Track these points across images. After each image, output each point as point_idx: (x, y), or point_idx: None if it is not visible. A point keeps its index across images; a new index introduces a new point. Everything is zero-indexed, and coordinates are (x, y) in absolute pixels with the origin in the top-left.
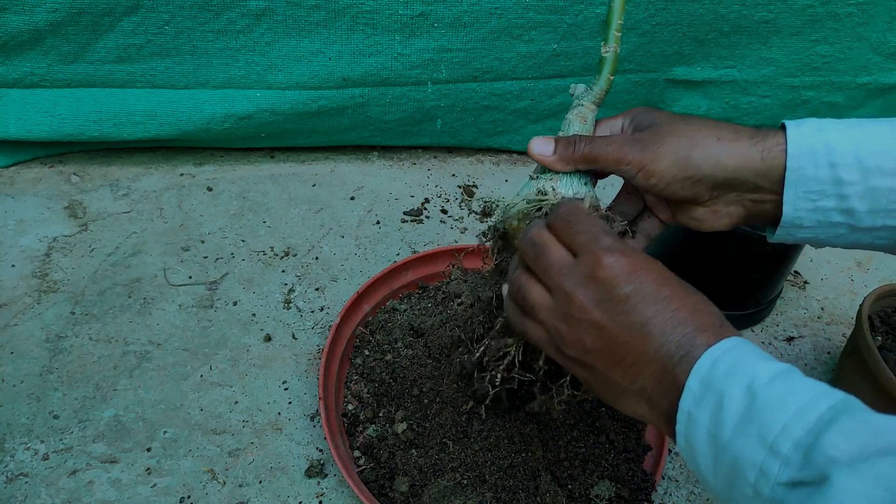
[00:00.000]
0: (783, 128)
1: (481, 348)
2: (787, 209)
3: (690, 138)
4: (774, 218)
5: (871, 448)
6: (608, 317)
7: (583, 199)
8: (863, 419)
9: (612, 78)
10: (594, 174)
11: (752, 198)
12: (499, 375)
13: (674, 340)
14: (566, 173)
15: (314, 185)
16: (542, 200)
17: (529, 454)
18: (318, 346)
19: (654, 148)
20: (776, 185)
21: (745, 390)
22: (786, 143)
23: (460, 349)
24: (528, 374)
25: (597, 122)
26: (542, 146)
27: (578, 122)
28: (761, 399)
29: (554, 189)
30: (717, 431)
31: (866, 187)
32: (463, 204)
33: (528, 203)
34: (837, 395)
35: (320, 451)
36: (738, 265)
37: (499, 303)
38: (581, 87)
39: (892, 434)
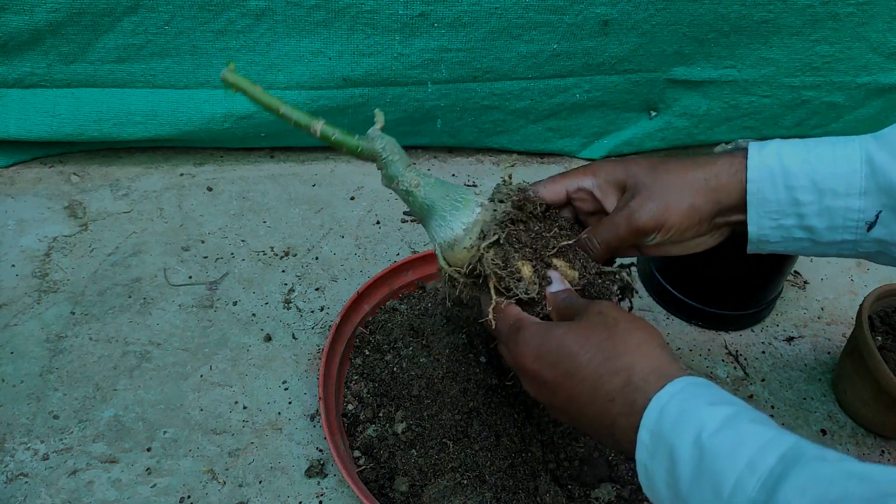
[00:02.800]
0: (745, 151)
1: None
2: (752, 228)
3: (688, 187)
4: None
5: (824, 502)
6: (551, 398)
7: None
8: (814, 470)
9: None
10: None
11: (734, 219)
12: None
13: (616, 401)
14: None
15: (314, 185)
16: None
17: (529, 454)
18: (318, 346)
19: (661, 209)
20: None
21: (694, 443)
22: (746, 170)
23: (471, 355)
24: None
25: (543, 182)
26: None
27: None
28: (710, 452)
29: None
30: (674, 484)
31: (822, 207)
32: None
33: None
34: (786, 442)
35: (320, 451)
36: (738, 266)
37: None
38: (385, 178)
39: (843, 483)
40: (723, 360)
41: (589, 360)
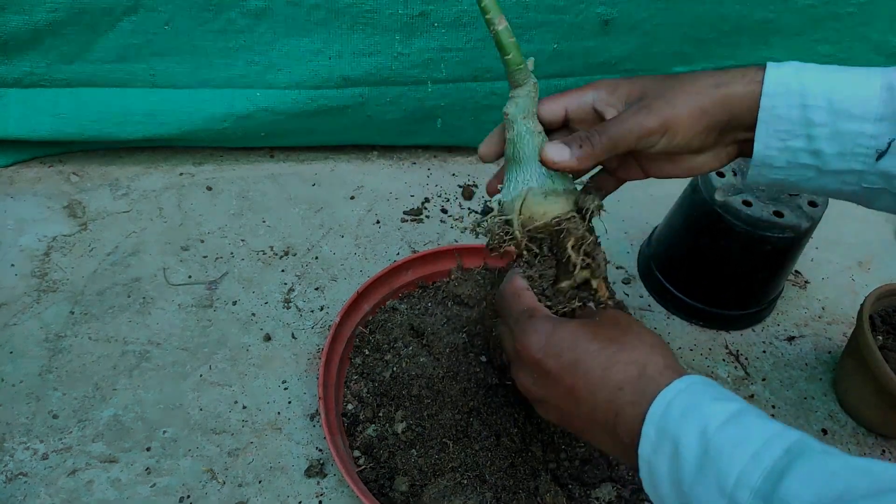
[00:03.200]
0: (764, 66)
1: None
2: (758, 147)
3: (697, 91)
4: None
5: (828, 494)
6: (546, 392)
7: (564, 189)
8: (819, 462)
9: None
10: (607, 175)
11: (745, 136)
12: None
13: (625, 390)
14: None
15: (314, 185)
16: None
17: (530, 454)
18: (317, 345)
19: (669, 110)
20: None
21: (699, 436)
22: (763, 83)
23: (471, 354)
24: None
25: (541, 100)
26: (558, 153)
27: (531, 133)
28: (715, 445)
29: (550, 195)
30: (677, 478)
31: (834, 129)
32: (462, 204)
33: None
34: (791, 436)
35: (320, 450)
36: (739, 265)
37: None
38: (510, 107)
39: (846, 476)
40: (723, 360)
41: (600, 350)
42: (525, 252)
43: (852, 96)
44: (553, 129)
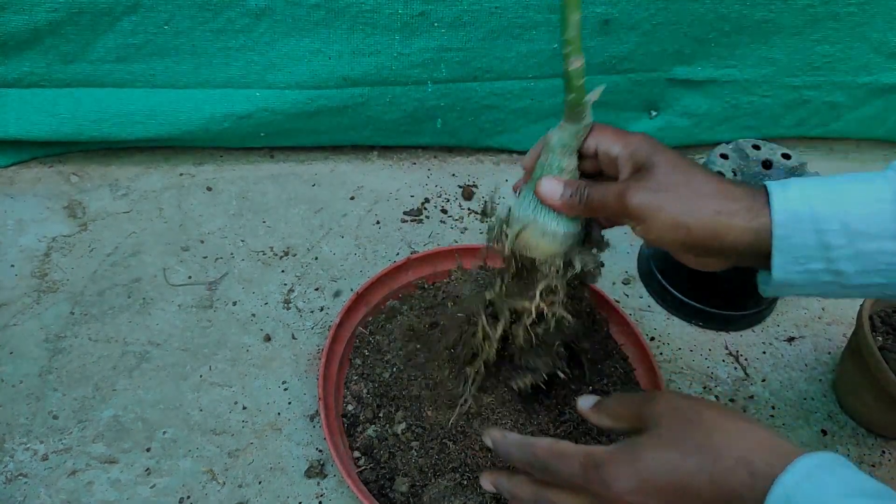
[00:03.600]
0: (764, 188)
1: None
2: (777, 273)
3: (690, 205)
4: (763, 265)
5: None
6: None
7: (565, 232)
8: None
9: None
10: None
11: (745, 260)
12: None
13: (746, 492)
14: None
15: (314, 185)
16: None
17: None
18: (317, 346)
19: (653, 205)
20: (767, 252)
21: None
22: (771, 215)
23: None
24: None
25: (594, 125)
26: (549, 190)
27: (560, 169)
28: None
29: (545, 230)
30: None
31: (854, 251)
32: (462, 204)
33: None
34: None
35: (320, 451)
36: (738, 265)
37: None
38: (554, 133)
39: None
40: (723, 361)
41: (699, 468)
42: (507, 265)
43: (866, 215)
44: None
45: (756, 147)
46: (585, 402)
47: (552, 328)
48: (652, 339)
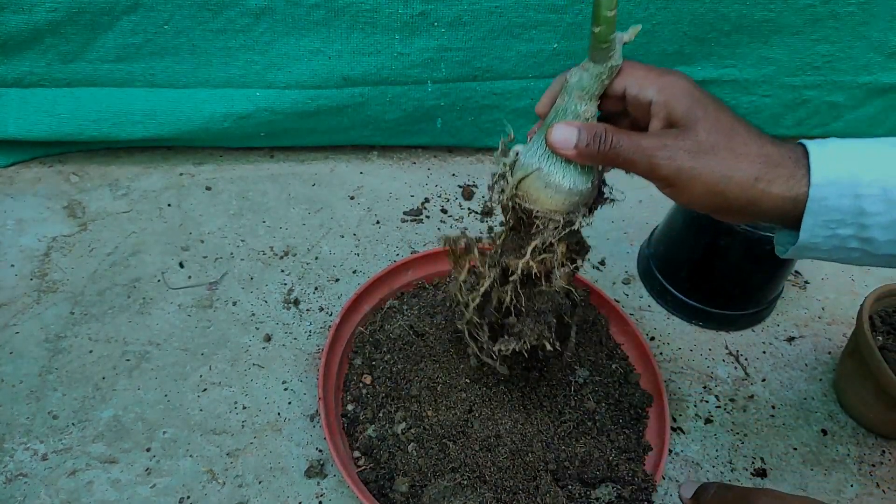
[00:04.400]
0: (804, 151)
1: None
2: (804, 235)
3: (729, 170)
4: (787, 225)
5: None
6: None
7: (570, 188)
8: None
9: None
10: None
11: (773, 223)
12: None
13: None
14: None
15: (314, 185)
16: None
17: (529, 454)
18: (317, 346)
19: (688, 170)
20: (801, 216)
21: None
22: (809, 174)
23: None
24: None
25: (623, 64)
26: (564, 135)
27: (576, 115)
28: None
29: (549, 181)
30: None
31: (891, 219)
32: (462, 204)
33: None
34: None
35: (320, 451)
36: (739, 265)
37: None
38: (574, 72)
39: None
40: (723, 360)
41: None
42: (505, 215)
43: None
44: (608, 99)
45: None
46: (686, 491)
47: (542, 293)
48: (652, 339)
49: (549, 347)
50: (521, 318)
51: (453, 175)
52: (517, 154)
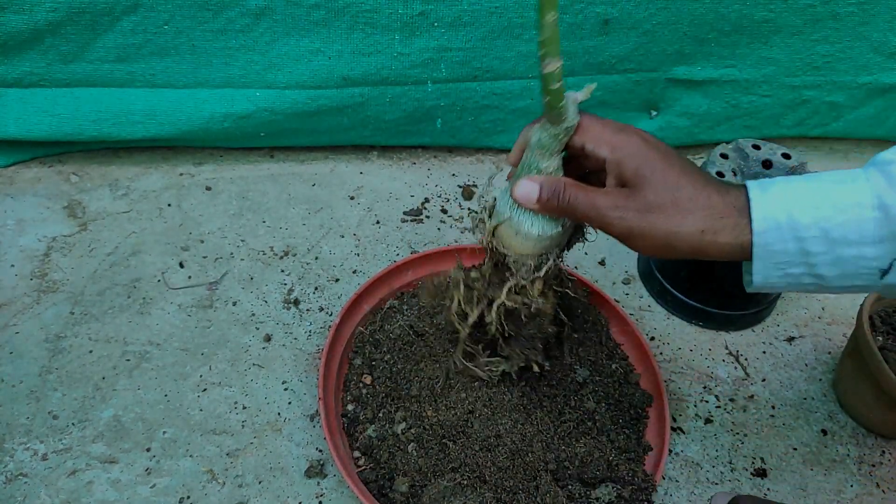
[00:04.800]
0: (745, 192)
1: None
2: (758, 278)
3: (676, 227)
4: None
5: None
6: None
7: (538, 235)
8: None
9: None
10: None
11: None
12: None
13: None
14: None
15: (314, 185)
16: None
17: (529, 454)
18: (317, 346)
19: (637, 229)
20: (747, 256)
21: None
22: (751, 222)
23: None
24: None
25: (582, 119)
26: (525, 193)
27: (543, 157)
28: None
29: (521, 231)
30: None
31: (834, 257)
32: (462, 204)
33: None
34: None
35: (320, 451)
36: (739, 265)
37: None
38: (535, 131)
39: None
40: (723, 360)
41: None
42: (486, 254)
43: (846, 222)
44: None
45: (756, 147)
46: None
47: (525, 322)
48: (652, 339)
49: (535, 369)
50: (509, 343)
51: (453, 175)
52: (494, 199)
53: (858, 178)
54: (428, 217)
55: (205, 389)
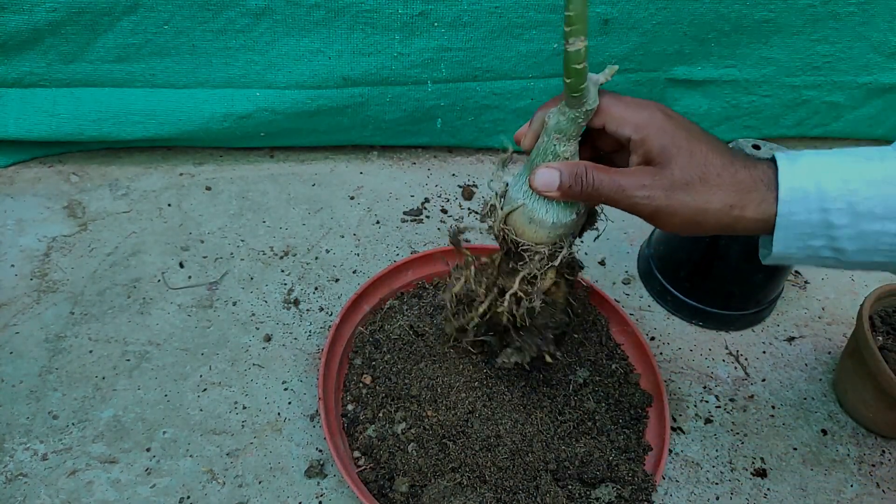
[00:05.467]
0: (776, 170)
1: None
2: (778, 248)
3: (704, 203)
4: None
5: None
6: None
7: (553, 222)
8: None
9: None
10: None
11: (745, 235)
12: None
13: None
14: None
15: (314, 185)
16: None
17: (529, 454)
18: (317, 346)
19: (665, 208)
20: (771, 229)
21: None
22: (777, 191)
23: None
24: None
25: (602, 98)
26: (544, 181)
27: (555, 155)
28: None
29: (534, 218)
30: None
31: (857, 231)
32: (462, 204)
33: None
34: None
35: (320, 451)
36: (739, 265)
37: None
38: (552, 114)
39: None
40: (723, 360)
41: None
42: (497, 242)
43: (873, 196)
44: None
45: (756, 147)
46: None
47: (539, 313)
48: (652, 338)
49: (548, 360)
50: (520, 334)
51: (453, 175)
52: (506, 186)
53: (888, 156)
54: (428, 217)
55: (205, 389)
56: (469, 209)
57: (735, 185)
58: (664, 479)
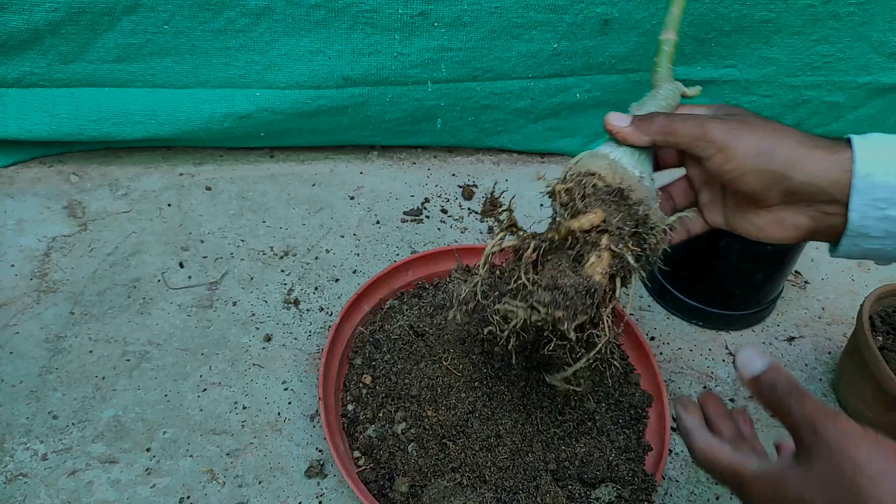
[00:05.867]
0: (848, 140)
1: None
2: (853, 216)
3: (774, 135)
4: (839, 233)
5: None
6: None
7: (640, 176)
8: None
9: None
10: (657, 160)
11: (823, 210)
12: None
13: None
14: (628, 148)
15: (314, 185)
16: (591, 172)
17: (529, 454)
18: (317, 346)
19: (738, 132)
20: (846, 195)
21: None
22: (853, 151)
23: (472, 354)
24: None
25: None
26: (618, 118)
27: (655, 102)
28: None
29: (612, 158)
30: None
31: None
32: (462, 204)
33: (584, 164)
34: None
35: (320, 451)
36: (739, 265)
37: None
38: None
39: None
40: (723, 360)
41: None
42: (554, 211)
43: None
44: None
45: None
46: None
47: (574, 271)
48: (652, 339)
49: (563, 329)
50: (537, 287)
51: (453, 175)
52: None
53: None
54: (428, 217)
55: (205, 389)
56: (469, 209)
57: (803, 134)
58: (664, 478)
